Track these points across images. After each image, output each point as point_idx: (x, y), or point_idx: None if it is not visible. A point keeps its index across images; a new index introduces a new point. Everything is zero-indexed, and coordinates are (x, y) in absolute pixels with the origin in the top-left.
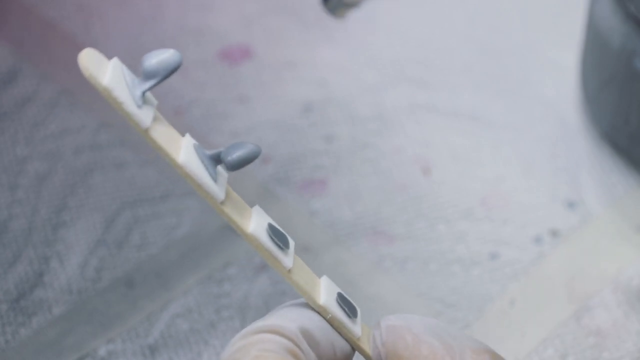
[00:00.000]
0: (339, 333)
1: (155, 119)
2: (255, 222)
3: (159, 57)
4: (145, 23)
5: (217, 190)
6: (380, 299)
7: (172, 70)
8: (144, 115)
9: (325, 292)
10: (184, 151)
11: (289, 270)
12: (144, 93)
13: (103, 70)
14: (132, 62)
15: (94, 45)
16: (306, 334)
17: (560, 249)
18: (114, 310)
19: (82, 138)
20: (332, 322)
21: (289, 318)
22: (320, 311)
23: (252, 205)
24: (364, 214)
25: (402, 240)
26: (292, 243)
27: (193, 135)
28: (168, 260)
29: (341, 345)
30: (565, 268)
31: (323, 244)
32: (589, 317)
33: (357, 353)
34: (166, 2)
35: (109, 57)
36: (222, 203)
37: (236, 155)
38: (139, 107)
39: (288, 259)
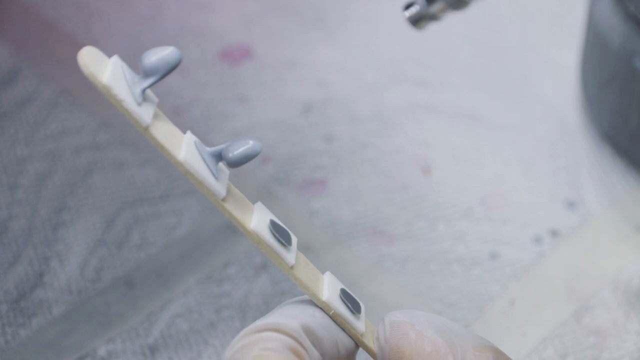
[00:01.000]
0: (343, 329)
1: (155, 117)
2: (257, 219)
3: (158, 55)
4: (145, 23)
5: (219, 187)
6: (381, 298)
7: (172, 68)
8: (144, 113)
9: (328, 288)
10: (184, 148)
11: (292, 267)
12: (143, 90)
13: (103, 68)
14: (133, 62)
15: (94, 45)
16: (309, 331)
17: (560, 248)
18: (114, 310)
19: (82, 138)
20: (335, 319)
21: (291, 315)
22: (323, 307)
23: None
24: (364, 214)
25: (402, 240)
26: (294, 239)
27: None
28: (168, 260)
29: (344, 341)
30: (565, 268)
31: (323, 244)
32: (589, 317)
33: (361, 349)
34: (166, 2)
35: (109, 57)
36: (223, 200)
37: (237, 152)
38: (139, 104)
39: (290, 256)
